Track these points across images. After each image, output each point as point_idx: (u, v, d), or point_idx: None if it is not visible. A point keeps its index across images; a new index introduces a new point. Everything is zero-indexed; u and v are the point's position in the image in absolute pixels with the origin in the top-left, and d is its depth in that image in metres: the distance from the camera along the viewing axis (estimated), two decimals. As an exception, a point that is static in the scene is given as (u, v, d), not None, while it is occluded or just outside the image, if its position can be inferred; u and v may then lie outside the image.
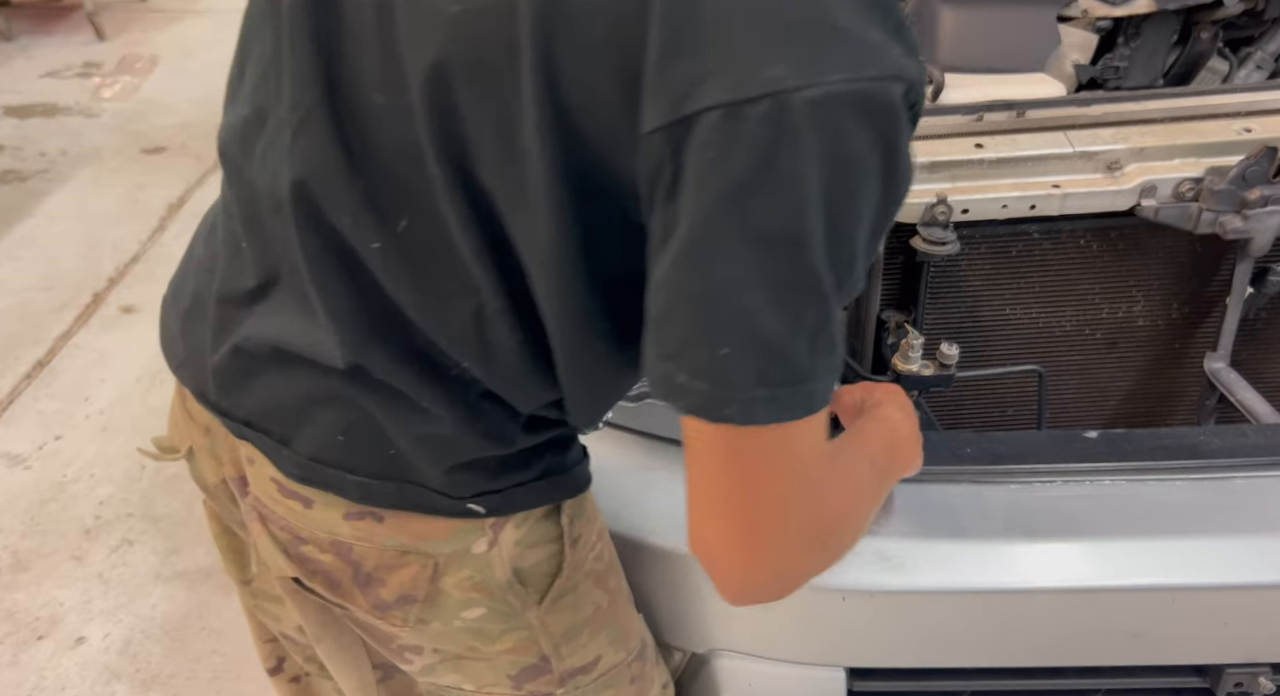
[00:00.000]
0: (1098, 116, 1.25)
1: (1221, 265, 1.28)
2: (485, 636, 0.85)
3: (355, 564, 0.80)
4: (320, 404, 0.77)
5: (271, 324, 0.77)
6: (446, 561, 0.80)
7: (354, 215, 0.70)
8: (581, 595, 0.89)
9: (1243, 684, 1.12)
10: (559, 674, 0.90)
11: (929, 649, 1.09)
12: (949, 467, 1.12)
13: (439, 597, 0.82)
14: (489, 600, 0.83)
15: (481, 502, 0.79)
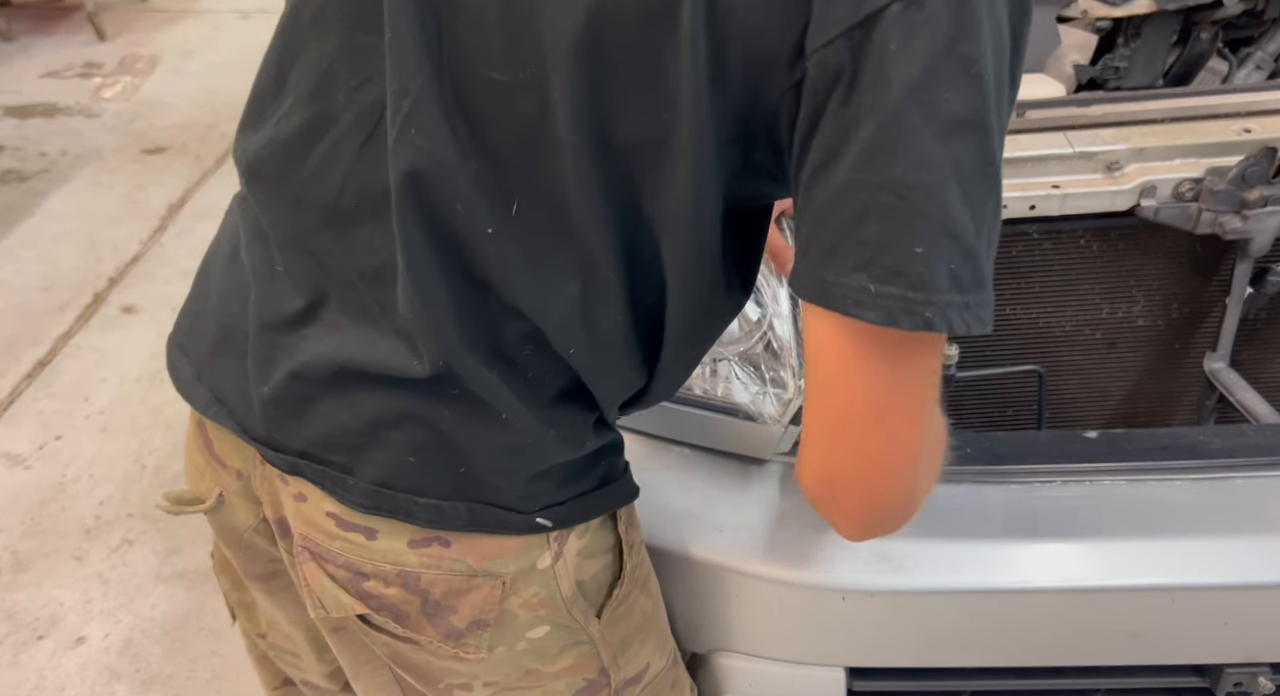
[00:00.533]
0: (1097, 117, 1.25)
1: (1221, 265, 1.28)
2: (546, 657, 0.84)
3: (424, 593, 0.77)
4: (389, 425, 0.74)
5: (330, 344, 0.74)
6: (513, 580, 0.79)
7: (465, 202, 0.67)
8: (633, 603, 0.89)
9: (1242, 683, 1.12)
10: (615, 686, 0.89)
11: (929, 648, 1.10)
12: (949, 467, 1.12)
13: (506, 620, 0.80)
14: (554, 616, 0.82)
15: (548, 515, 0.78)
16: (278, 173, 0.76)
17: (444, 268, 0.69)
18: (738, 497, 1.10)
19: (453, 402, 0.72)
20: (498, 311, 0.71)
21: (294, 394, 0.76)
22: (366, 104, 0.70)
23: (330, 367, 0.74)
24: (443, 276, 0.69)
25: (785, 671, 1.12)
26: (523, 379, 0.73)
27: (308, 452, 0.76)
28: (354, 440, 0.75)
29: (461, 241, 0.69)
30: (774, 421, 1.06)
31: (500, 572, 0.78)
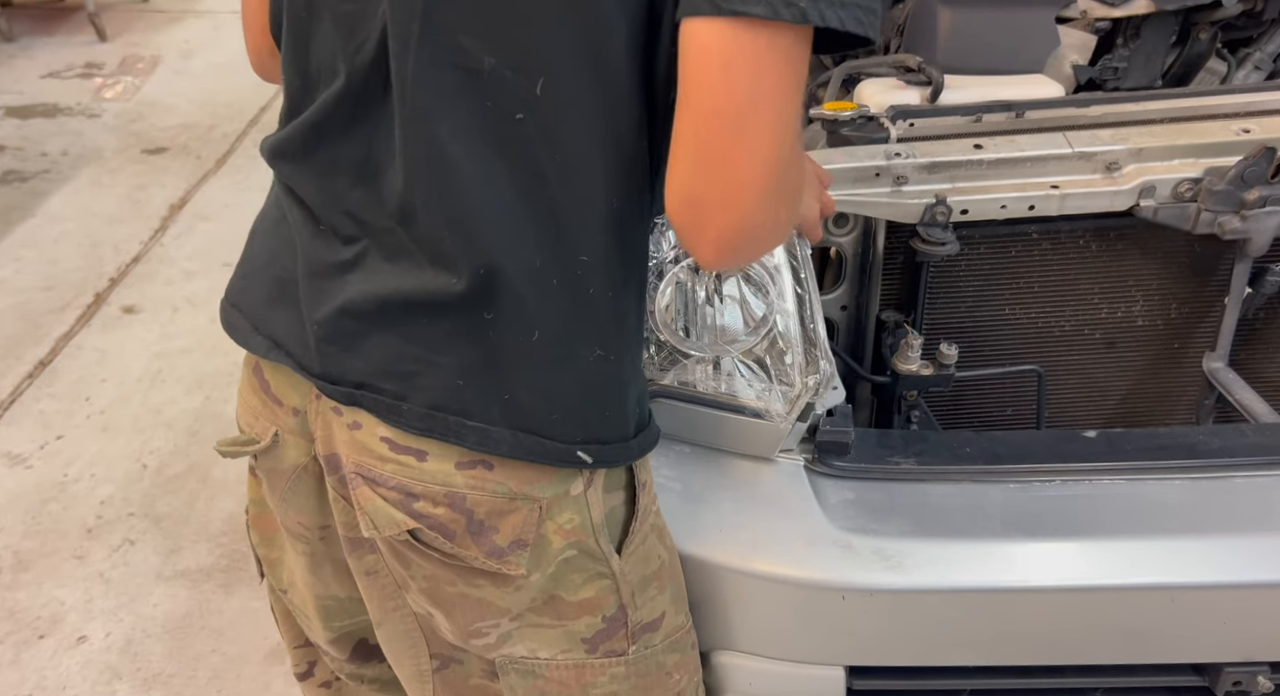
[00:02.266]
0: (1096, 117, 1.25)
1: (1220, 265, 1.29)
2: (570, 585, 0.89)
3: (469, 512, 0.83)
4: (436, 349, 0.80)
5: (375, 282, 0.80)
6: (549, 505, 0.84)
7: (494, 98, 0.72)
8: (650, 548, 0.93)
9: (1241, 682, 1.12)
10: (632, 627, 0.93)
11: (928, 647, 1.10)
12: (949, 467, 1.12)
13: (542, 544, 0.86)
14: (583, 543, 0.87)
15: (589, 451, 0.83)
16: (304, 150, 0.83)
17: (478, 177, 0.75)
18: (738, 497, 1.10)
19: (493, 322, 0.78)
20: (529, 206, 0.76)
21: (344, 329, 0.82)
22: (368, 61, 0.76)
23: (376, 302, 0.80)
24: (477, 186, 0.75)
25: (785, 670, 1.12)
26: (565, 273, 0.78)
27: (364, 382, 0.82)
28: (406, 367, 0.80)
29: (495, 139, 0.74)
30: (780, 418, 1.06)
31: (538, 497, 0.84)
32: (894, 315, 1.30)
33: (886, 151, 1.16)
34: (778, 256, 1.05)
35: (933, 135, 1.23)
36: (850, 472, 1.11)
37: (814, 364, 1.05)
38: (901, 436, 1.21)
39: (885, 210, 1.16)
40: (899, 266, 1.29)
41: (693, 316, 1.08)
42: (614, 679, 0.94)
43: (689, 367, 1.10)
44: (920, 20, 1.42)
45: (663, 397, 1.10)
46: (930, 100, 1.29)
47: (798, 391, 1.06)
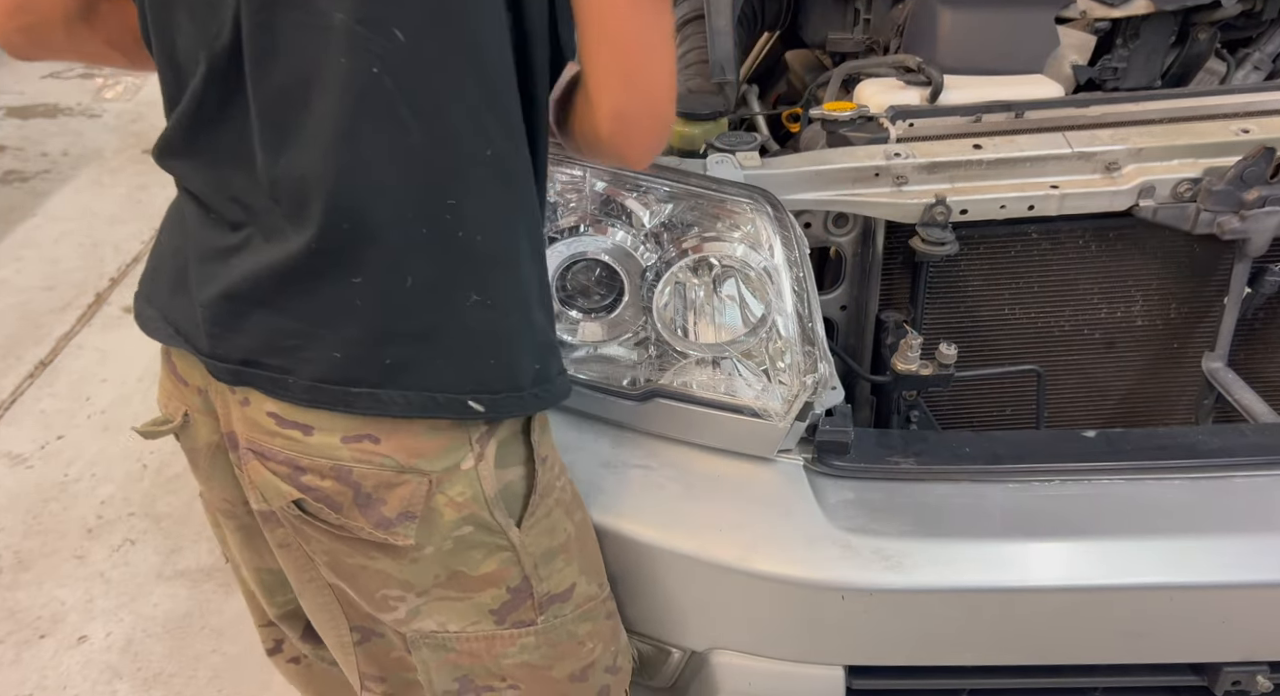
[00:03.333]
0: (1096, 117, 1.25)
1: (1219, 265, 1.29)
2: (470, 561, 0.90)
3: (356, 485, 0.85)
4: (315, 323, 0.82)
5: (254, 262, 0.83)
6: (439, 479, 0.86)
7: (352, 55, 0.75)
8: (555, 521, 0.95)
9: (1240, 682, 1.12)
10: (539, 598, 0.95)
11: (927, 646, 1.10)
12: (948, 467, 1.13)
13: (433, 517, 0.87)
14: (477, 517, 0.89)
15: (479, 400, 0.84)
16: (185, 144, 0.87)
17: (337, 135, 0.77)
18: (737, 497, 1.10)
19: (362, 286, 0.80)
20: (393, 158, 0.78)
21: (227, 310, 0.85)
22: (226, 44, 0.79)
23: (253, 281, 0.83)
24: (336, 143, 0.77)
25: (784, 669, 1.12)
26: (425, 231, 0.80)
27: (248, 359, 0.85)
28: (288, 342, 0.83)
29: (352, 94, 0.76)
30: (778, 418, 1.06)
31: (426, 470, 0.86)
32: (893, 315, 1.30)
33: (886, 151, 1.16)
34: (777, 256, 1.05)
35: (932, 135, 1.23)
36: (850, 472, 1.11)
37: (813, 364, 1.05)
38: (901, 436, 1.21)
39: (885, 210, 1.16)
40: (898, 266, 1.29)
41: (691, 316, 1.08)
42: (524, 648, 0.96)
43: (688, 367, 1.10)
44: (920, 20, 1.42)
45: (662, 398, 1.10)
46: (930, 100, 1.30)
47: (796, 391, 1.06)
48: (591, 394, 1.13)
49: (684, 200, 1.07)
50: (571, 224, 1.07)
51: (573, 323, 1.11)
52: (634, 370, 1.12)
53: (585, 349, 1.12)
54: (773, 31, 1.88)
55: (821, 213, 1.20)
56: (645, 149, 0.86)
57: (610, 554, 1.10)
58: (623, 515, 1.08)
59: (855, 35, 1.61)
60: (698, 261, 1.06)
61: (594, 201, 1.07)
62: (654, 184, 1.07)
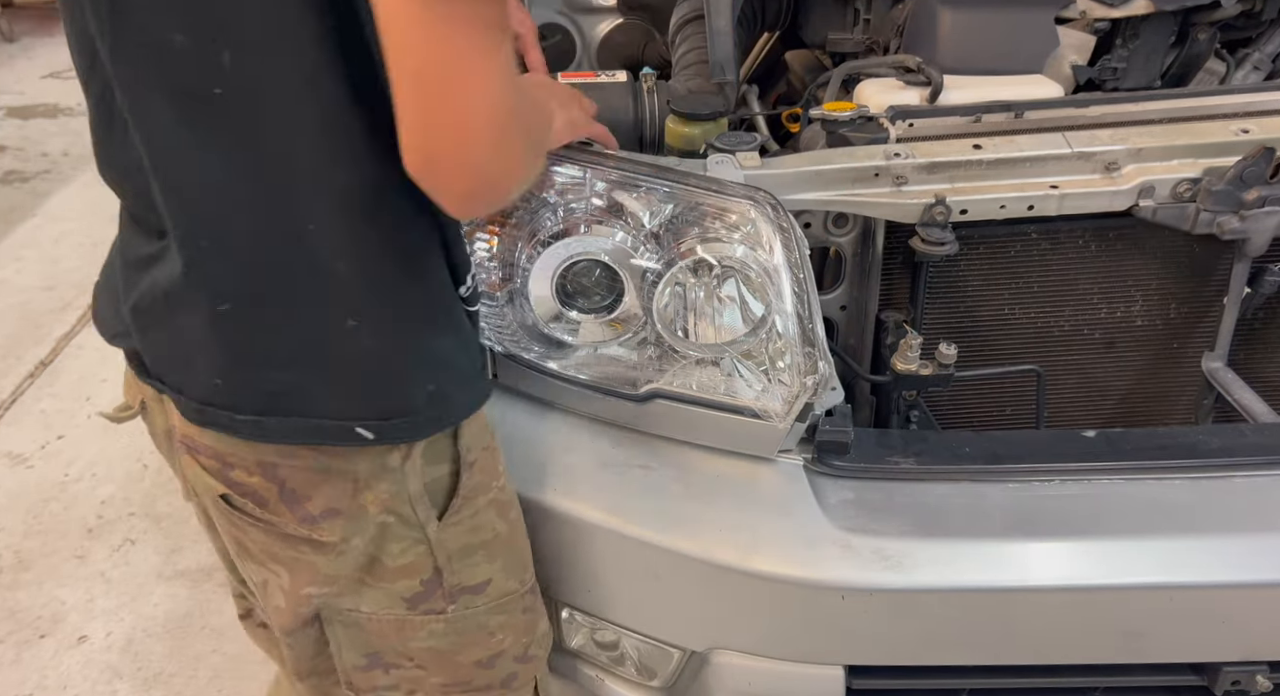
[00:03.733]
0: (1096, 117, 1.25)
1: (1219, 265, 1.29)
2: (389, 552, 0.92)
3: (281, 481, 0.86)
4: (194, 348, 0.82)
5: (158, 275, 0.83)
6: (365, 477, 0.87)
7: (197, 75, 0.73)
8: (483, 521, 0.96)
9: (1240, 682, 1.12)
10: (449, 589, 0.96)
11: (927, 646, 1.10)
12: (948, 467, 1.13)
13: (359, 513, 0.88)
14: (400, 510, 0.90)
15: (367, 427, 0.84)
16: (103, 153, 0.86)
17: (192, 158, 0.76)
18: (737, 497, 1.10)
19: (231, 313, 0.80)
20: (246, 182, 0.76)
21: (135, 321, 0.87)
22: (94, 65, 0.78)
23: (153, 297, 0.84)
24: (193, 167, 0.76)
25: (784, 669, 1.12)
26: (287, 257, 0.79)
27: (156, 372, 0.88)
28: (178, 362, 0.85)
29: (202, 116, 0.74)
30: (779, 418, 1.06)
31: (352, 470, 0.86)
32: (893, 315, 1.30)
33: (886, 151, 1.16)
34: (777, 256, 1.05)
35: (932, 135, 1.23)
36: (850, 472, 1.12)
37: (813, 364, 1.05)
38: (901, 436, 1.21)
39: (885, 210, 1.16)
40: (898, 266, 1.29)
41: (691, 317, 1.08)
42: (432, 634, 0.98)
43: (688, 368, 1.10)
44: (920, 20, 1.42)
45: (662, 398, 1.11)
46: (930, 100, 1.30)
47: (796, 392, 1.06)
48: (591, 394, 1.13)
49: (684, 200, 1.07)
50: (571, 224, 1.08)
51: (573, 323, 1.11)
52: (634, 371, 1.12)
53: (585, 349, 1.12)
54: (773, 31, 1.88)
55: (821, 213, 1.21)
56: (459, 198, 0.74)
57: (610, 554, 1.11)
58: (623, 515, 1.08)
59: (855, 35, 1.61)
60: (698, 262, 1.06)
61: (594, 202, 1.07)
62: (654, 184, 1.07)
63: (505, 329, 1.13)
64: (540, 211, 1.07)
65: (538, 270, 1.07)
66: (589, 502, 1.09)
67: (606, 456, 1.14)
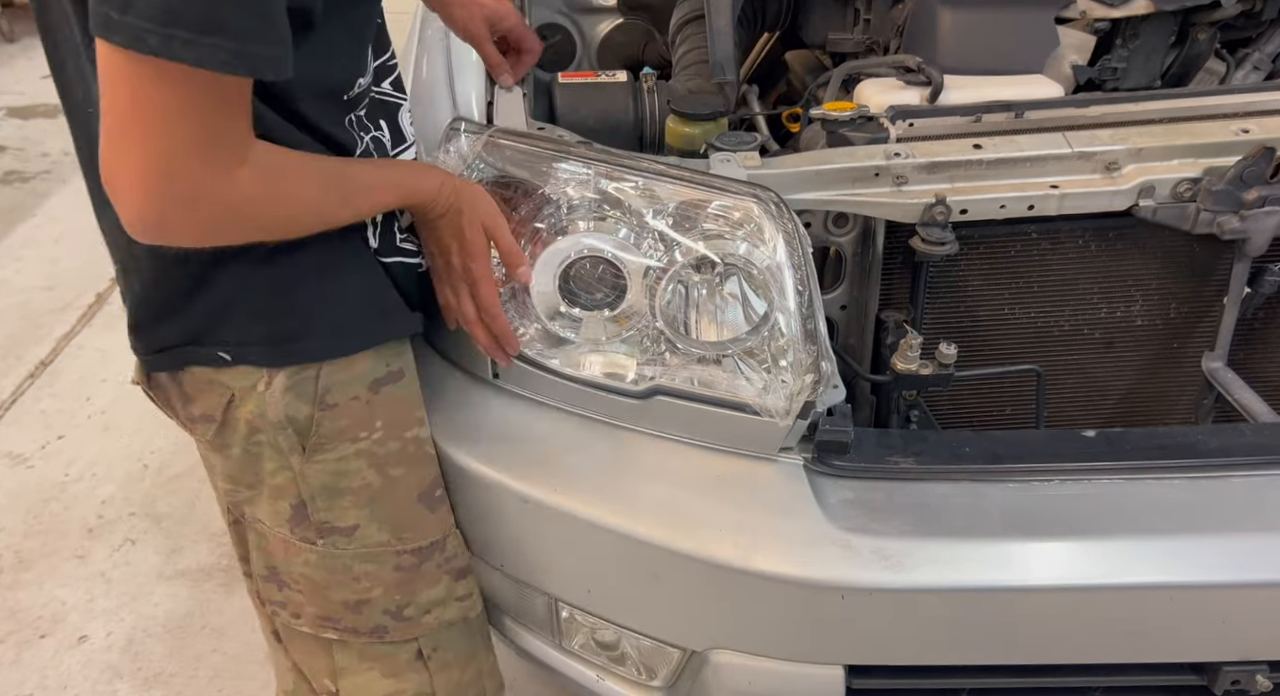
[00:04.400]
0: (1096, 117, 1.25)
1: (1219, 265, 1.29)
2: (264, 468, 1.03)
3: (180, 382, 1.02)
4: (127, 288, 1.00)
5: None
6: (241, 394, 0.99)
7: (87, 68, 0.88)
8: (348, 467, 1.04)
9: (1240, 681, 1.12)
10: (315, 523, 1.05)
11: (927, 646, 1.10)
12: (948, 467, 1.13)
13: (233, 424, 1.01)
14: (267, 435, 1.01)
15: (226, 351, 0.97)
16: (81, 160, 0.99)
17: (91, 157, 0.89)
18: (737, 496, 1.10)
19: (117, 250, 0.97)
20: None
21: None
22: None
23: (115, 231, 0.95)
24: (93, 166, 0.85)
25: (784, 669, 1.12)
26: None
27: None
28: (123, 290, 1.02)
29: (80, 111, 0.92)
30: (780, 415, 1.06)
31: (230, 385, 0.99)
32: (893, 315, 1.30)
33: (886, 151, 1.16)
34: (779, 254, 1.05)
35: (932, 135, 1.23)
36: (850, 472, 1.12)
37: (815, 362, 1.05)
38: (901, 436, 1.21)
39: (885, 210, 1.16)
40: (898, 266, 1.29)
41: (694, 314, 1.09)
42: (307, 563, 1.07)
43: (690, 365, 1.10)
44: (920, 20, 1.42)
45: (664, 395, 1.11)
46: (930, 100, 1.30)
47: (798, 389, 1.06)
48: (593, 392, 1.13)
49: (687, 197, 1.07)
50: (574, 221, 1.08)
51: (575, 320, 1.11)
52: (636, 368, 1.12)
53: (587, 346, 1.12)
54: (773, 31, 1.88)
55: (821, 212, 1.21)
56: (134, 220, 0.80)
57: (610, 553, 1.11)
58: (623, 514, 1.08)
59: (855, 35, 1.61)
60: (701, 259, 1.06)
61: (598, 198, 1.07)
62: (658, 181, 1.07)
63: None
64: (544, 207, 1.07)
65: (540, 266, 1.07)
66: (589, 501, 1.09)
67: (607, 455, 1.14)
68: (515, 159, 1.09)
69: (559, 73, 1.53)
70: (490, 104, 1.27)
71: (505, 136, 1.10)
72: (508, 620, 1.33)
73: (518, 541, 1.17)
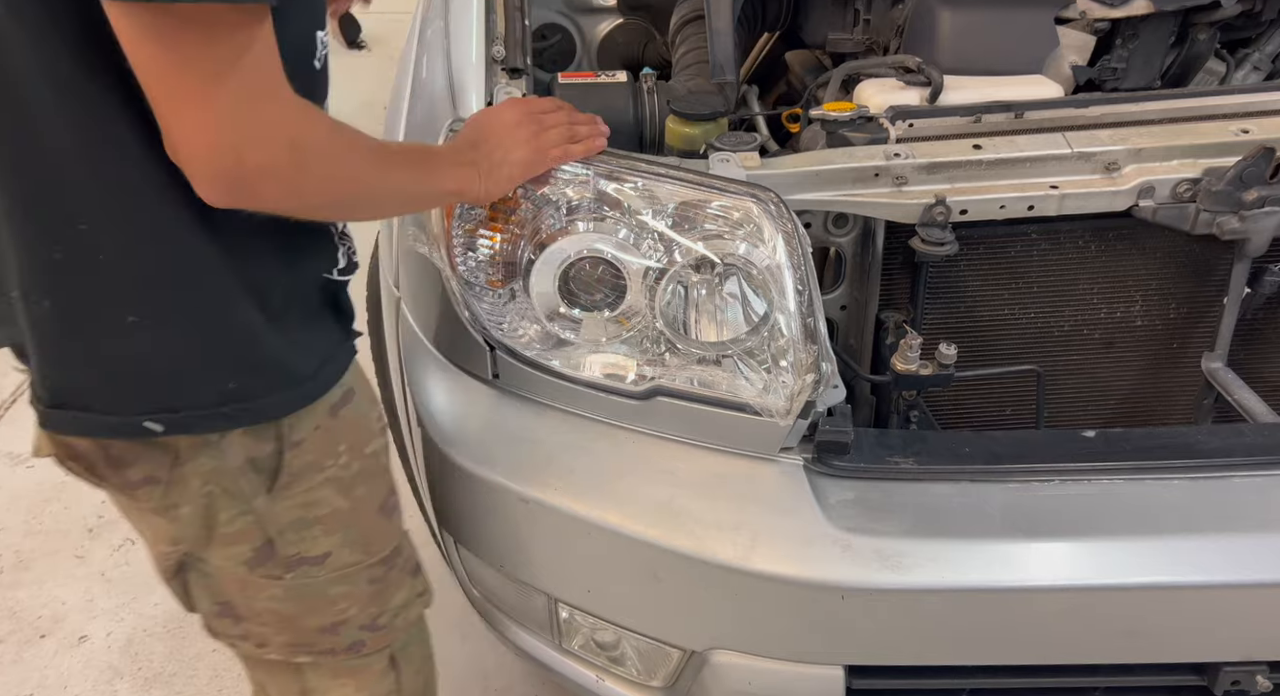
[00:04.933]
0: (1096, 118, 1.25)
1: (1219, 265, 1.29)
2: (218, 520, 0.95)
3: (105, 446, 0.91)
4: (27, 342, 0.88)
5: None
6: (186, 450, 0.90)
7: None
8: (317, 497, 0.98)
9: (1240, 681, 1.12)
10: (284, 558, 0.99)
11: (927, 646, 1.10)
12: (948, 467, 1.13)
13: (181, 482, 0.92)
14: (223, 483, 0.93)
15: (157, 420, 0.87)
16: None
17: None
18: (737, 496, 1.10)
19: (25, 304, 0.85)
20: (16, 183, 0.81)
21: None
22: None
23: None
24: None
25: (784, 669, 1.12)
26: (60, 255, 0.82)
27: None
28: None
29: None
30: (780, 415, 1.06)
31: (173, 443, 0.89)
32: (893, 315, 1.30)
33: (886, 152, 1.16)
34: (779, 254, 1.05)
35: (932, 136, 1.23)
36: (849, 472, 1.12)
37: (815, 362, 1.06)
38: (901, 436, 1.21)
39: (885, 210, 1.16)
40: (898, 266, 1.29)
41: (694, 314, 1.09)
42: (273, 598, 1.01)
43: (689, 365, 1.10)
44: (920, 20, 1.42)
45: (664, 396, 1.11)
46: (929, 101, 1.30)
47: (798, 389, 1.06)
48: (593, 392, 1.14)
49: (687, 198, 1.07)
50: (574, 221, 1.08)
51: (575, 321, 1.11)
52: (636, 368, 1.12)
53: (587, 347, 1.12)
54: (773, 32, 1.88)
55: (821, 213, 1.21)
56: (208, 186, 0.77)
57: (610, 553, 1.11)
58: (623, 514, 1.08)
59: (855, 35, 1.61)
60: (700, 259, 1.06)
61: (597, 198, 1.07)
62: (658, 182, 1.07)
63: (506, 326, 1.13)
64: (543, 208, 1.07)
65: (540, 267, 1.07)
66: (589, 502, 1.09)
67: (606, 455, 1.14)
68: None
69: (559, 73, 1.53)
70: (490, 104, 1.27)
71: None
72: (508, 620, 1.33)
73: (518, 541, 1.17)
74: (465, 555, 1.31)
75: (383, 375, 1.50)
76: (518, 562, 1.20)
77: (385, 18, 5.04)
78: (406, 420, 1.34)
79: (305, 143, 0.79)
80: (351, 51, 4.33)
